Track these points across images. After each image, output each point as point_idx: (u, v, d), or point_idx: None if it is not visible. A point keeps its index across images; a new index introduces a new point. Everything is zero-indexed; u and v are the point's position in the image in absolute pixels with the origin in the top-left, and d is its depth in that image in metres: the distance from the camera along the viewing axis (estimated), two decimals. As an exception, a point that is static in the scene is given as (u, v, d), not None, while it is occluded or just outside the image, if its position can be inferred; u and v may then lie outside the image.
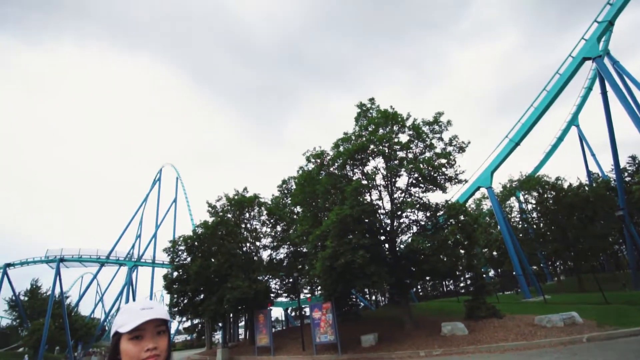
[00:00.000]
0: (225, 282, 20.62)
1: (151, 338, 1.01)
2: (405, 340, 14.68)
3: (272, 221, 24.80)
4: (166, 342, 1.04)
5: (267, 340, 19.52)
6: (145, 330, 1.00)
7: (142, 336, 1.00)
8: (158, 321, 1.02)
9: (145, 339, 1.00)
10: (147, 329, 1.01)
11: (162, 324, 1.04)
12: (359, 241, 14.22)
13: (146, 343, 0.99)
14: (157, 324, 1.02)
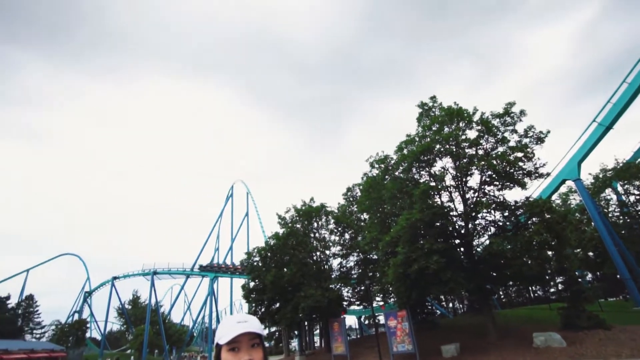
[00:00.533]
0: (298, 291, 21.21)
1: (246, 350, 1.09)
2: (490, 351, 13.61)
3: (339, 229, 24.99)
4: (260, 354, 1.12)
5: (343, 348, 19.53)
6: (240, 343, 1.09)
7: (238, 348, 1.09)
8: (252, 335, 1.11)
9: (241, 350, 1.09)
10: (243, 342, 1.10)
11: (256, 337, 1.12)
12: (431, 246, 13.64)
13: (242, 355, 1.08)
14: (251, 337, 1.11)
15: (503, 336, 14.75)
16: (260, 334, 1.13)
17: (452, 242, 16.37)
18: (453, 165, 16.37)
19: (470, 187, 16.64)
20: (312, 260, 24.33)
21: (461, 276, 13.79)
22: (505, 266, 14.43)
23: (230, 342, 1.08)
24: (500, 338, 14.62)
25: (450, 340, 15.68)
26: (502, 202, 15.96)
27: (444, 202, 16.57)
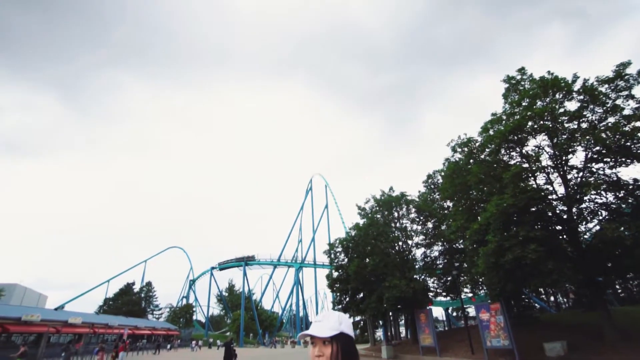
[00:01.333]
0: (382, 281, 21.18)
1: (319, 347, 1.29)
2: (608, 353, 11.89)
3: (421, 218, 24.18)
4: (330, 349, 1.28)
5: (430, 340, 19.02)
6: (316, 341, 1.30)
7: (315, 343, 1.30)
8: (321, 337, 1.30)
9: (315, 346, 1.30)
10: (317, 340, 1.30)
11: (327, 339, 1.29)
12: (528, 234, 12.36)
13: (315, 350, 1.29)
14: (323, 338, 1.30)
15: (623, 337, 12.77)
16: (322, 336, 1.28)
17: (553, 229, 14.64)
18: (549, 143, 14.57)
19: (572, 166, 14.65)
20: (394, 251, 24.03)
21: (566, 267, 12.25)
22: (623, 255, 12.38)
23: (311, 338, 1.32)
24: (621, 339, 12.66)
25: (554, 338, 14.15)
26: (616, 182, 13.73)
27: (540, 184, 14.88)
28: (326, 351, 1.26)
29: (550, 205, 14.31)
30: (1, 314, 27.37)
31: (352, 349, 1.32)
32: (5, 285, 55.05)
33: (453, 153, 17.93)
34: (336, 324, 1.31)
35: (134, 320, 48.85)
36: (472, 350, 16.61)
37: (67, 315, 36.42)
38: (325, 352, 1.26)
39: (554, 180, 14.83)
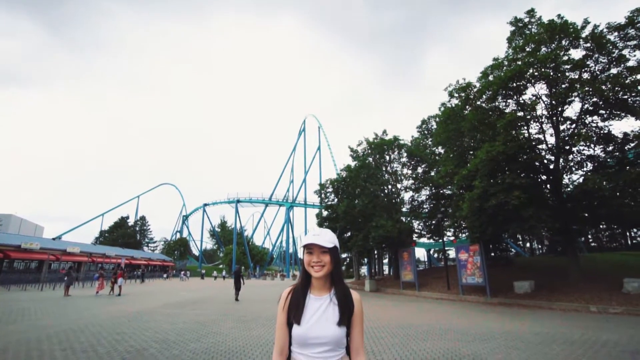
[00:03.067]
0: (370, 221, 22.10)
1: (317, 255, 1.44)
2: (570, 292, 13.01)
3: (412, 163, 24.56)
4: (329, 257, 1.44)
5: (411, 276, 20.43)
6: (314, 249, 1.45)
7: (312, 252, 1.45)
8: (322, 247, 1.44)
9: (314, 254, 1.44)
10: (315, 249, 1.45)
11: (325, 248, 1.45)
12: (513, 181, 12.76)
13: (313, 257, 1.44)
14: (322, 247, 1.45)
15: (587, 279, 13.89)
16: (325, 246, 1.43)
17: (538, 178, 15.09)
18: (548, 92, 14.39)
19: (566, 117, 14.67)
20: (383, 193, 24.72)
21: (546, 214, 12.86)
22: (600, 206, 13.00)
23: (306, 246, 1.46)
24: (584, 281, 13.80)
25: (524, 278, 15.32)
26: (606, 135, 13.90)
27: (532, 134, 14.99)
28: (325, 259, 1.43)
29: (539, 155, 14.59)
30: (1, 241, 28.18)
31: (340, 260, 1.53)
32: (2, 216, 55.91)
33: (450, 98, 17.65)
34: (333, 238, 1.47)
35: (130, 251, 50.92)
36: (449, 286, 18.00)
37: (65, 245, 37.68)
38: (324, 259, 1.43)
39: (546, 130, 14.92)
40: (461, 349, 5.85)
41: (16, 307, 11.80)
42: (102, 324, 8.30)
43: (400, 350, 5.71)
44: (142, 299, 16.09)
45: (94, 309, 11.84)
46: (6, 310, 10.87)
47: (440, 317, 10.23)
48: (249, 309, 12.28)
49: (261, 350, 5.73)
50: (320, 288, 1.49)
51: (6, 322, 8.46)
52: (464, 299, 15.87)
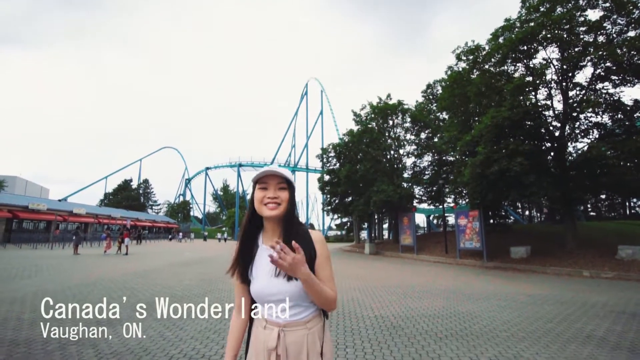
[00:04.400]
0: (371, 186, 22.29)
1: (273, 190, 1.22)
2: (564, 258, 13.36)
3: (416, 128, 24.32)
4: (287, 194, 1.24)
5: (410, 240, 20.91)
6: (269, 184, 1.23)
7: (267, 188, 1.23)
8: (279, 179, 1.23)
9: (269, 190, 1.22)
10: (271, 184, 1.23)
11: (283, 182, 1.24)
12: (517, 147, 12.68)
13: (268, 192, 1.22)
14: (278, 181, 1.23)
15: (582, 246, 14.19)
16: (287, 178, 1.24)
17: (542, 145, 14.97)
18: (559, 55, 13.91)
19: (576, 83, 14.28)
20: (385, 159, 24.72)
21: (547, 181, 12.91)
22: (603, 174, 13.00)
23: (260, 181, 1.24)
24: (579, 248, 14.11)
25: (521, 244, 15.66)
26: (616, 102, 13.60)
27: (539, 100, 14.68)
28: (282, 195, 1.23)
29: (545, 122, 14.38)
30: (9, 201, 28.75)
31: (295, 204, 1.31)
32: (6, 177, 56.47)
33: (457, 61, 17.11)
34: (291, 176, 1.27)
35: (135, 213, 51.96)
36: (447, 250, 18.48)
37: (71, 206, 38.41)
38: (281, 196, 1.22)
39: (555, 96, 14.60)
40: (456, 307, 6.13)
41: (29, 264, 12.31)
42: (112, 280, 8.66)
43: (397, 307, 5.99)
44: (148, 258, 16.66)
45: (103, 266, 12.31)
46: (20, 267, 11.39)
47: (437, 279, 10.60)
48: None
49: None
50: (273, 234, 1.28)
51: (21, 277, 8.87)
52: (461, 263, 16.33)
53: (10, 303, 5.67)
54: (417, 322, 4.96)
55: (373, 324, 4.85)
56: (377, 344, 3.91)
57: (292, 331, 1.18)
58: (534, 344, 4.01)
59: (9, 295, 6.32)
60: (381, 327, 4.65)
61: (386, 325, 4.76)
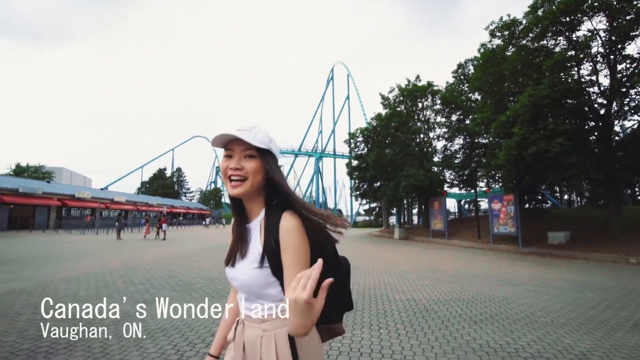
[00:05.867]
0: (400, 171, 21.96)
1: (238, 160, 0.94)
2: (608, 244, 12.60)
3: (446, 110, 23.50)
4: (254, 166, 0.94)
5: (441, 225, 20.53)
6: (234, 151, 0.95)
7: (232, 155, 0.95)
8: (244, 144, 0.93)
9: (233, 158, 0.95)
10: (236, 150, 0.95)
11: (251, 149, 0.94)
12: (557, 127, 11.96)
13: (232, 162, 0.94)
14: (244, 147, 0.94)
15: (629, 232, 13.30)
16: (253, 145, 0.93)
17: (585, 124, 14.05)
18: (607, 26, 12.83)
19: (626, 55, 13.17)
20: (414, 142, 24.18)
21: (589, 163, 12.14)
22: (655, 154, 12.05)
23: (226, 148, 0.97)
24: (625, 233, 13.24)
25: (560, 229, 14.95)
26: (671, 74, 12.45)
27: (582, 75, 13.70)
28: (248, 165, 0.93)
29: (588, 99, 13.43)
30: (58, 190, 30.99)
31: (280, 174, 0.98)
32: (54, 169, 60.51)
33: (491, 38, 16.23)
34: (266, 139, 0.95)
35: (170, 201, 54.34)
36: (479, 236, 18.00)
37: (112, 194, 40.69)
38: (246, 167, 0.93)
39: (600, 71, 13.56)
40: (490, 291, 6.01)
41: (79, 248, 13.38)
42: (153, 262, 9.18)
43: (430, 291, 5.96)
44: (185, 242, 17.44)
45: (144, 250, 13.06)
46: (73, 250, 12.48)
47: (470, 264, 10.40)
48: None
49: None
50: (252, 212, 1.01)
51: (77, 259, 9.63)
52: (495, 248, 15.88)
53: (67, 282, 6.18)
54: (451, 306, 4.92)
55: (406, 307, 4.87)
56: (411, 327, 3.93)
57: (248, 327, 0.97)
58: (576, 330, 3.88)
59: (66, 275, 6.87)
60: (414, 310, 4.66)
61: (419, 308, 4.76)
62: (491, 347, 3.30)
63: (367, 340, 3.44)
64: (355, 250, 14.40)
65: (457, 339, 3.52)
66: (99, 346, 3.03)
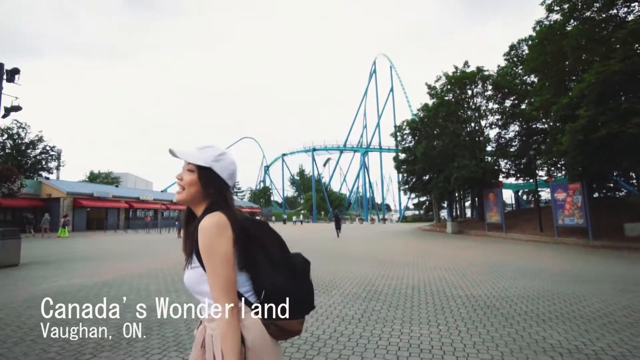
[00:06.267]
0: (451, 162, 21.04)
1: (182, 172, 1.09)
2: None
3: (499, 96, 22.00)
4: (190, 179, 1.06)
5: (498, 217, 19.39)
6: (183, 164, 1.10)
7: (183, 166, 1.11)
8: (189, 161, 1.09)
9: (182, 170, 1.11)
10: (184, 164, 1.10)
11: (190, 165, 1.08)
12: (631, 106, 10.71)
13: (179, 173, 1.10)
14: (188, 163, 1.08)
15: None
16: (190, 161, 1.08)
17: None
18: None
19: None
20: (465, 132, 23.02)
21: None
22: None
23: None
24: None
25: (638, 219, 13.41)
26: None
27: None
28: (186, 177, 1.07)
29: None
30: (126, 194, 34.18)
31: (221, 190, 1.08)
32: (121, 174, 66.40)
33: (548, 14, 14.91)
34: (209, 158, 1.07)
35: (223, 200, 57.02)
36: (541, 228, 16.71)
37: (171, 196, 43.72)
38: (185, 178, 1.07)
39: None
40: (559, 288, 5.58)
41: (147, 246, 14.65)
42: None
43: (489, 287, 5.68)
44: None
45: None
46: (142, 248, 13.70)
47: (533, 258, 9.73)
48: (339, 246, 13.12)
49: (351, 282, 6.19)
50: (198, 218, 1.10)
51: (146, 256, 10.52)
52: (560, 242, 14.67)
53: (139, 277, 6.77)
54: (514, 303, 4.65)
55: (465, 302, 4.69)
56: (472, 323, 3.78)
57: (205, 326, 1.06)
58: (666, 332, 3.48)
59: (137, 271, 7.53)
60: (474, 307, 4.48)
61: (479, 305, 4.56)
62: (565, 348, 3.07)
63: (426, 337, 3.38)
64: (405, 245, 14.11)
65: (524, 338, 3.32)
66: (140, 346, 3.12)
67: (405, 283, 6.12)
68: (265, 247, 1.04)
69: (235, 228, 0.98)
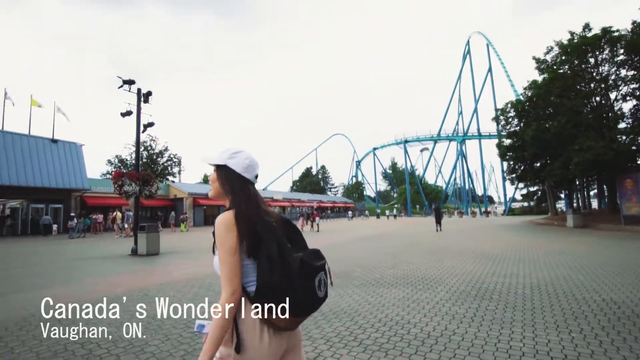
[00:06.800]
0: (570, 145, 18.09)
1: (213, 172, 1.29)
2: None
3: (636, 60, 17.98)
4: (213, 177, 1.27)
5: (638, 209, 16.09)
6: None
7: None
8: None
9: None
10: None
11: (212, 165, 1.28)
12: None
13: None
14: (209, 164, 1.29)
15: None
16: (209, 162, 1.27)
17: None
18: None
19: None
20: (587, 108, 19.53)
21: None
22: None
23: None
24: None
25: None
26: None
27: None
28: (212, 176, 1.29)
29: None
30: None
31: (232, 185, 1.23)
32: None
33: None
34: (224, 156, 1.25)
35: (318, 196, 59.64)
36: None
37: (271, 193, 47.46)
38: (210, 177, 1.30)
39: None
40: None
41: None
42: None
43: (636, 292, 4.80)
44: (335, 234, 18.89)
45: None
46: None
47: (694, 257, 7.85)
48: (441, 241, 12.61)
49: (457, 279, 5.93)
50: None
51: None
52: None
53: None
54: (671, 311, 3.87)
55: (603, 308, 4.06)
56: (617, 334, 3.21)
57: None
58: None
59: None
60: (615, 314, 3.84)
61: (622, 312, 3.89)
62: None
63: (555, 344, 3.04)
64: (516, 240, 12.74)
65: (690, 357, 2.75)
66: (170, 344, 3.19)
67: (521, 282, 5.60)
68: (265, 246, 1.13)
69: (242, 225, 1.12)
